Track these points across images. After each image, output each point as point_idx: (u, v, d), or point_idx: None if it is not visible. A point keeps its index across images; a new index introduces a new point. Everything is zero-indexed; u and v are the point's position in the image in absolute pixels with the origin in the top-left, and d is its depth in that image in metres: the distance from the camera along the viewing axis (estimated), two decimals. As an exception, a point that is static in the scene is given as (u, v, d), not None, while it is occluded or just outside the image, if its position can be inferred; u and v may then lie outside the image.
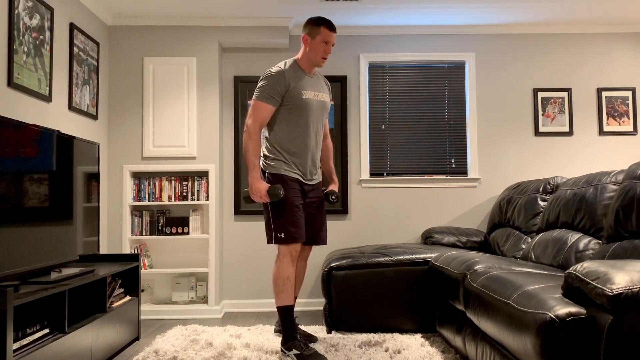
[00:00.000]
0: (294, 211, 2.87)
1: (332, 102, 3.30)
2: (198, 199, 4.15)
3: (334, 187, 3.24)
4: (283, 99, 2.90)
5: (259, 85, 2.92)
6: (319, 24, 2.92)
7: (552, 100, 4.48)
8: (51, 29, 3.27)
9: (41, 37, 3.16)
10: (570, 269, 1.75)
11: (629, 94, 4.49)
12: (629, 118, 4.48)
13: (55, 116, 3.35)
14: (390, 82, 4.50)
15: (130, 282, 3.35)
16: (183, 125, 4.18)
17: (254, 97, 2.92)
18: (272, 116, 2.95)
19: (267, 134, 3.01)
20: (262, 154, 3.02)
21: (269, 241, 2.92)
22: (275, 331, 3.36)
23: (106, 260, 3.35)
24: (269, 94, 2.87)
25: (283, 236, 2.85)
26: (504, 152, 4.46)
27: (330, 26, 2.92)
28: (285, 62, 2.97)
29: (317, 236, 3.09)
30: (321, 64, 2.97)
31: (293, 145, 2.93)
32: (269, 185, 2.84)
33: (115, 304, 3.09)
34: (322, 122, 3.06)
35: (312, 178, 3.03)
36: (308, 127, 2.95)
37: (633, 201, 2.43)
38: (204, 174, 4.20)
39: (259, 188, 2.81)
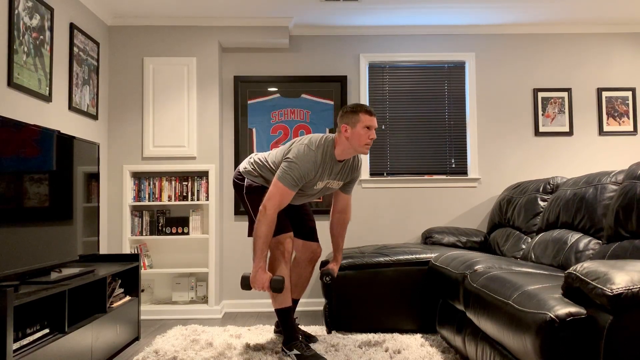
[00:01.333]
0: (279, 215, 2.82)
1: (358, 179, 3.15)
2: (198, 199, 4.15)
3: (334, 266, 3.07)
4: None
5: (288, 165, 2.70)
6: (356, 111, 2.74)
7: (552, 100, 4.48)
8: (51, 29, 3.27)
9: (41, 37, 3.16)
10: (570, 269, 1.75)
11: (629, 94, 4.49)
12: (629, 118, 4.48)
13: (55, 116, 3.35)
14: (390, 82, 4.50)
15: (130, 282, 3.34)
16: (183, 125, 4.18)
17: (279, 177, 2.70)
18: (272, 159, 2.89)
19: (261, 160, 2.94)
20: (247, 167, 2.97)
21: (249, 234, 2.90)
22: (275, 331, 3.35)
23: (106, 260, 3.35)
24: (296, 182, 2.69)
25: None
26: (504, 152, 4.46)
27: (368, 111, 2.75)
28: (320, 143, 2.77)
29: (309, 233, 3.09)
30: (366, 152, 2.78)
31: None
32: (272, 277, 2.71)
33: (115, 304, 3.09)
34: (318, 196, 3.00)
35: None
36: (297, 200, 2.93)
37: (633, 201, 2.43)
38: (204, 174, 4.20)
39: (263, 279, 2.68)
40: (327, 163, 2.78)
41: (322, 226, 4.13)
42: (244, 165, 3.02)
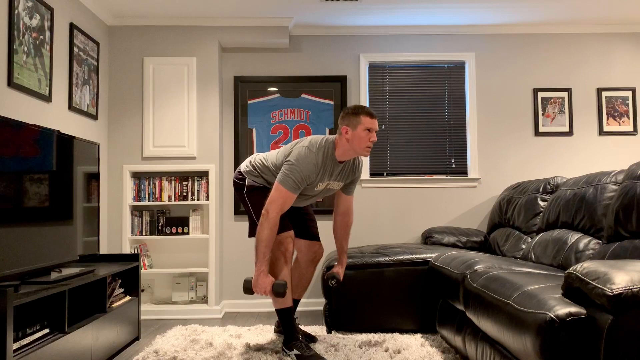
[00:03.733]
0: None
1: (358, 179, 3.12)
2: (198, 199, 4.15)
3: (339, 269, 3.07)
4: None
5: (289, 168, 2.69)
6: (358, 113, 2.73)
7: (552, 100, 4.48)
8: (51, 29, 3.27)
9: (41, 37, 3.16)
10: (570, 269, 1.75)
11: (629, 94, 4.49)
12: (629, 118, 4.48)
13: (55, 116, 3.35)
14: (390, 82, 4.50)
15: (130, 282, 3.34)
16: (183, 125, 4.18)
17: (281, 181, 2.70)
18: (273, 161, 2.88)
19: (262, 160, 2.94)
20: (248, 167, 2.97)
21: (250, 234, 2.91)
22: (275, 331, 3.35)
23: (106, 260, 3.35)
24: (297, 184, 2.69)
25: None
26: (504, 152, 4.46)
27: (370, 113, 2.74)
28: (321, 145, 2.76)
29: (310, 232, 3.09)
30: (366, 154, 2.76)
31: None
32: (274, 281, 2.71)
33: (115, 304, 3.09)
34: (318, 198, 3.00)
35: None
36: (299, 202, 2.92)
37: (633, 201, 2.43)
38: (204, 174, 4.20)
39: (265, 283, 2.68)
40: (328, 165, 2.78)
41: (323, 226, 4.13)
42: (245, 165, 3.02)
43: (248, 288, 2.74)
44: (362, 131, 2.71)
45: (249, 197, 2.94)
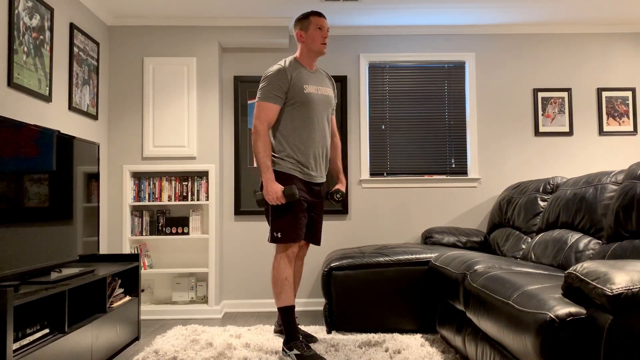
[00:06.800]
0: (296, 212, 2.86)
1: (336, 100, 3.27)
2: (198, 199, 4.15)
3: (341, 186, 3.22)
4: (286, 96, 2.91)
5: (261, 85, 2.93)
6: (307, 16, 2.99)
7: (552, 100, 4.48)
8: (51, 29, 3.27)
9: (41, 37, 3.16)
10: (571, 269, 1.75)
11: (629, 94, 4.49)
12: (629, 118, 4.48)
13: (55, 116, 3.35)
14: (390, 82, 4.50)
15: (130, 282, 3.34)
16: (183, 125, 4.18)
17: (257, 98, 2.92)
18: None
19: (272, 132, 3.00)
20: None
21: (269, 239, 2.94)
22: (275, 331, 3.36)
23: (106, 260, 3.35)
24: (273, 94, 2.88)
25: (280, 235, 2.85)
26: (504, 152, 4.46)
27: (318, 13, 3.00)
28: (285, 60, 2.98)
29: (314, 236, 3.10)
30: (323, 50, 3.00)
31: (299, 140, 2.92)
32: (284, 186, 2.80)
33: (115, 304, 3.09)
34: (327, 117, 3.06)
35: (318, 175, 3.02)
36: (313, 121, 2.95)
37: (633, 201, 2.43)
38: (204, 174, 4.20)
39: (275, 189, 2.79)
40: (297, 68, 2.96)
41: (323, 226, 4.13)
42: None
43: (260, 200, 2.85)
44: (314, 30, 2.97)
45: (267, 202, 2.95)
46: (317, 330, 3.38)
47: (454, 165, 4.47)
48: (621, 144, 4.48)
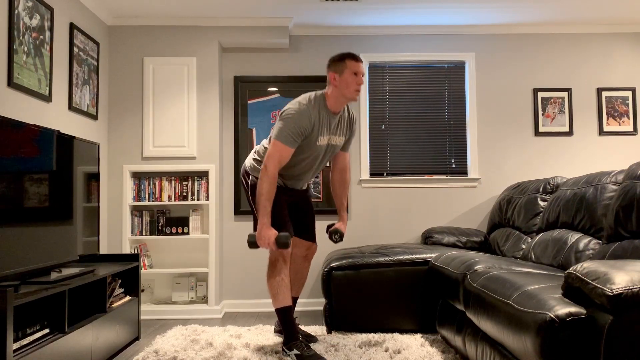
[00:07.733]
0: (281, 213, 2.85)
1: (354, 136, 3.23)
2: (198, 199, 4.15)
3: (341, 226, 3.10)
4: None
5: (281, 124, 2.73)
6: (343, 59, 2.80)
7: (552, 100, 4.48)
8: (51, 29, 3.27)
9: (41, 37, 3.16)
10: (571, 269, 1.75)
11: (629, 94, 4.49)
12: (629, 118, 4.48)
13: (55, 116, 3.35)
14: (390, 82, 4.50)
15: (130, 282, 3.34)
16: (183, 125, 4.18)
17: (275, 136, 2.74)
18: (266, 145, 2.92)
19: (262, 152, 2.95)
20: (252, 163, 2.99)
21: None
22: (275, 331, 3.35)
23: (106, 260, 3.35)
24: (293, 138, 2.72)
25: None
26: (504, 152, 4.46)
27: (354, 57, 2.80)
28: (311, 98, 2.80)
29: (306, 230, 3.11)
30: (355, 97, 2.81)
31: (289, 175, 2.93)
32: (278, 233, 2.73)
33: (115, 304, 3.09)
34: (328, 158, 3.01)
35: (301, 187, 3.08)
36: (311, 166, 2.94)
37: (633, 201, 2.43)
38: (204, 174, 4.20)
39: (268, 235, 2.69)
40: (323, 116, 2.81)
41: (323, 225, 4.14)
42: (249, 160, 3.04)
43: (252, 242, 2.77)
44: (349, 75, 2.78)
45: (252, 196, 2.95)
46: (317, 330, 3.38)
47: (454, 165, 4.47)
48: (621, 144, 4.48)
